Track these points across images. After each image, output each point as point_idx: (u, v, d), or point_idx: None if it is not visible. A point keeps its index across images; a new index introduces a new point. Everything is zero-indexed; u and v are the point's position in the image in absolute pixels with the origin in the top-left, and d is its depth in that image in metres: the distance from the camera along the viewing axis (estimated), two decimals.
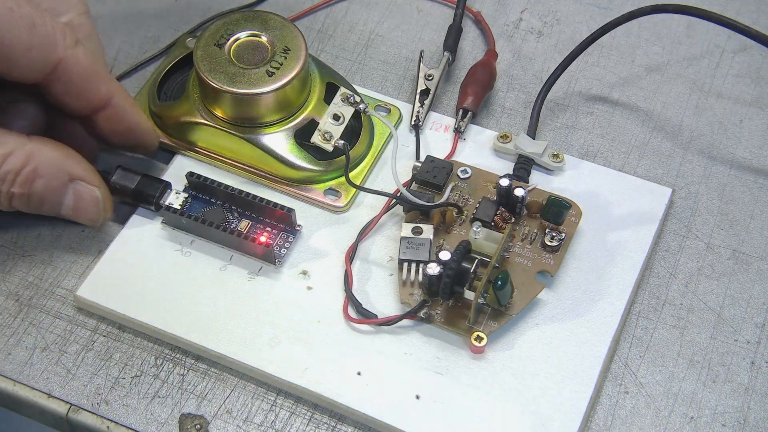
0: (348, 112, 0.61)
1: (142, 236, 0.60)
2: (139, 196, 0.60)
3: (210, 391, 0.55)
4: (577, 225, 0.58)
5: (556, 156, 0.61)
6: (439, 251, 0.54)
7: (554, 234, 0.57)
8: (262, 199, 0.59)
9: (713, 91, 0.66)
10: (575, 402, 0.53)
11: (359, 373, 0.55)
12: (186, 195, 0.60)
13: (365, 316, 0.56)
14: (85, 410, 0.55)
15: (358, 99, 0.61)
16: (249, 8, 0.70)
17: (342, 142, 0.60)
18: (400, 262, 0.57)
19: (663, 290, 0.58)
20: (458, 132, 0.63)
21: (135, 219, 0.60)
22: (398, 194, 0.59)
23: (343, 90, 0.62)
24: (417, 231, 0.57)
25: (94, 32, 0.59)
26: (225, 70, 0.60)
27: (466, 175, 0.60)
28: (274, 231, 0.59)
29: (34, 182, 0.55)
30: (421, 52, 0.66)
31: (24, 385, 0.55)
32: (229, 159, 0.62)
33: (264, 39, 0.61)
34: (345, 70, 0.67)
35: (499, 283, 0.53)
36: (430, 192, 0.59)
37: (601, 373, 0.54)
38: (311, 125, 0.61)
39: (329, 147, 0.60)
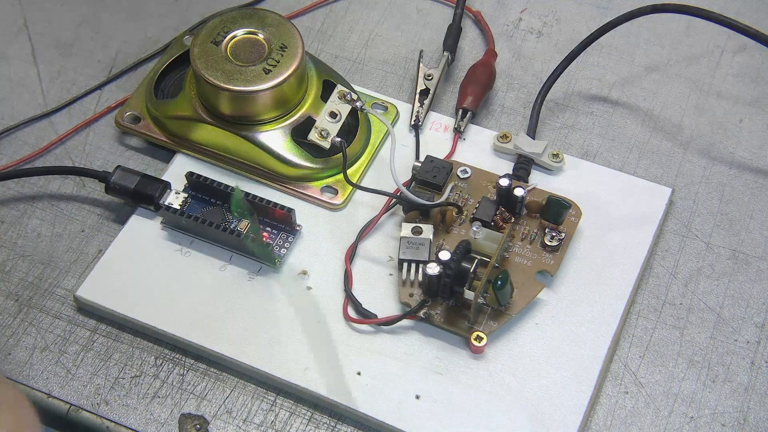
0: (345, 109, 0.61)
1: (141, 236, 0.60)
2: (138, 196, 0.60)
3: (210, 391, 0.55)
4: (576, 225, 0.58)
5: (555, 156, 0.61)
6: (439, 251, 0.54)
7: (554, 234, 0.57)
8: (262, 199, 0.59)
9: (713, 91, 0.66)
10: (575, 402, 0.53)
11: (359, 373, 0.55)
12: (186, 195, 0.60)
13: (365, 316, 0.56)
14: (85, 410, 0.55)
15: (354, 96, 0.61)
16: (248, 8, 0.70)
17: (339, 139, 0.60)
18: (400, 262, 0.57)
19: (663, 290, 0.58)
20: (458, 132, 0.63)
21: (135, 219, 0.60)
22: (398, 194, 0.59)
23: (340, 87, 0.61)
24: (417, 231, 0.57)
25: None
26: (222, 68, 0.60)
27: (466, 175, 0.60)
28: (273, 231, 0.59)
29: None
30: (421, 51, 0.66)
31: (24, 385, 0.55)
32: (227, 156, 0.62)
33: (261, 36, 0.61)
34: (345, 69, 0.67)
35: (499, 283, 0.53)
36: (429, 192, 0.59)
37: (600, 373, 0.54)
38: (308, 123, 0.61)
39: (326, 144, 0.60)
